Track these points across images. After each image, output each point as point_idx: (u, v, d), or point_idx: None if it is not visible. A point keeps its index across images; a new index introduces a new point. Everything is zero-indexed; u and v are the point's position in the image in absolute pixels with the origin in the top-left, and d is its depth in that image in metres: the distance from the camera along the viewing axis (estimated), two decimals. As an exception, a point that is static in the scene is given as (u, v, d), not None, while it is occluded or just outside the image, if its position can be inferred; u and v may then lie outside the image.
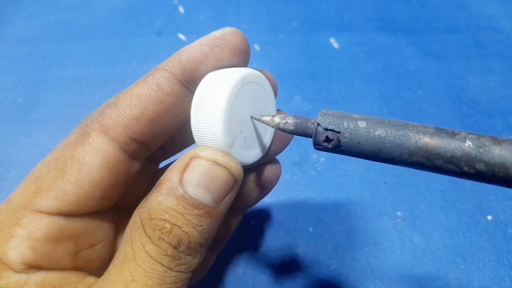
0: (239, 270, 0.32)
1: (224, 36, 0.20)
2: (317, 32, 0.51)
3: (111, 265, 0.18)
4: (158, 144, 0.22)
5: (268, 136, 0.23)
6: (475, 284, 0.31)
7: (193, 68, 0.20)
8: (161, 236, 0.18)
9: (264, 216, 0.35)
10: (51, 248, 0.19)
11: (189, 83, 0.20)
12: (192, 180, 0.18)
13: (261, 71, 0.22)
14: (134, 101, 0.20)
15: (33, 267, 0.19)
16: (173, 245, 0.18)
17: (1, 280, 0.18)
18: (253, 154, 0.22)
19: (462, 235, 0.34)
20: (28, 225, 0.19)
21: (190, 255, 0.18)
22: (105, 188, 0.20)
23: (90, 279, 0.21)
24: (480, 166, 0.14)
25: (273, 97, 0.23)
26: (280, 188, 0.36)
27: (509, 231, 0.34)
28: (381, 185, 0.37)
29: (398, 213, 0.35)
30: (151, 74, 0.20)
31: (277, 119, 0.20)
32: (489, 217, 0.35)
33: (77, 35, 0.51)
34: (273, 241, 0.34)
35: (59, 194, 0.19)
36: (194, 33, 0.51)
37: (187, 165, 0.19)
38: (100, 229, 0.22)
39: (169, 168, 0.19)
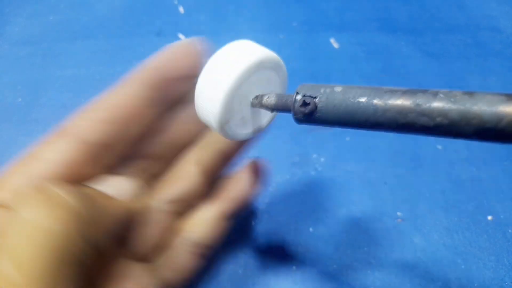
0: (239, 270, 0.32)
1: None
2: (317, 32, 0.51)
3: None
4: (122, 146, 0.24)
5: (267, 119, 0.23)
6: (475, 284, 0.31)
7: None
8: None
9: (264, 216, 0.35)
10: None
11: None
12: None
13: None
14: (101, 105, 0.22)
15: None
16: None
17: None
18: (245, 133, 0.22)
19: (462, 235, 0.34)
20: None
21: None
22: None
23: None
24: (453, 115, 0.14)
25: (286, 87, 0.23)
26: (280, 188, 0.36)
27: (509, 231, 0.34)
28: (381, 185, 0.37)
29: (398, 213, 0.35)
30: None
31: (260, 97, 0.20)
32: (489, 217, 0.35)
33: (77, 35, 0.51)
34: (273, 241, 0.34)
35: (11, 188, 0.20)
36: (194, 33, 0.51)
37: None
38: None
39: None
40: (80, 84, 0.46)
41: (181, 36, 0.51)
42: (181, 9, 0.55)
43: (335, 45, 0.50)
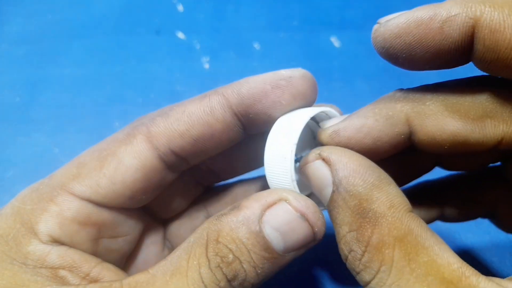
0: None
1: (291, 78, 0.21)
2: (318, 31, 0.51)
3: (158, 268, 0.18)
4: (198, 161, 0.23)
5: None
6: (478, 286, 0.31)
7: (250, 103, 0.20)
8: (220, 265, 0.18)
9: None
10: (76, 229, 0.21)
11: (242, 115, 0.21)
12: (272, 221, 0.18)
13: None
14: (184, 118, 0.21)
15: (57, 241, 0.20)
16: (228, 277, 0.18)
17: (29, 246, 0.20)
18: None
19: (464, 236, 0.34)
20: (61, 203, 0.20)
21: None
22: (135, 190, 0.21)
23: (109, 265, 0.21)
24: None
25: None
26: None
27: (512, 232, 0.34)
28: (382, 185, 0.37)
29: (400, 213, 0.35)
30: (209, 95, 0.21)
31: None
32: (492, 218, 0.35)
33: (76, 34, 0.51)
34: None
35: (93, 184, 0.20)
36: (193, 32, 0.51)
37: (273, 204, 0.18)
38: (126, 224, 0.23)
39: (254, 197, 0.19)
40: (78, 83, 0.46)
41: (180, 34, 0.51)
42: (180, 7, 0.54)
43: (336, 43, 0.50)
